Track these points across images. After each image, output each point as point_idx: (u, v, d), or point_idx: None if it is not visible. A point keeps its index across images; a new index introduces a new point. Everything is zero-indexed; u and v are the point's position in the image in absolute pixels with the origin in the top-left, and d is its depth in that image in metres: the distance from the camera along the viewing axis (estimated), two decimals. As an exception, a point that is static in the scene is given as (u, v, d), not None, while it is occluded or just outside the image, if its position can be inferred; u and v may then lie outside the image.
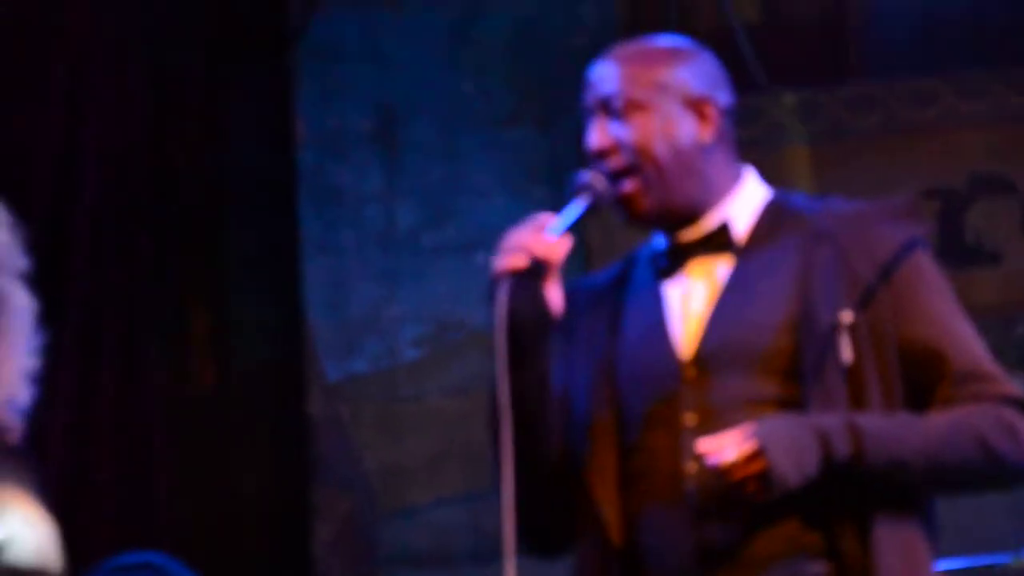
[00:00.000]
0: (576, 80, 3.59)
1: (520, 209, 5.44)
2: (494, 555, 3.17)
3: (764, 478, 3.05)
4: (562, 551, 3.34)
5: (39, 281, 3.93)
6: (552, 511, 3.31)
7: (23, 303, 3.97)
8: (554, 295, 3.14)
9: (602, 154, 3.16)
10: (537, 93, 6.42)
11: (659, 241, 3.25)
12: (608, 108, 3.19)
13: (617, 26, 6.38)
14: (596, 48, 4.48)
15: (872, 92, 6.26)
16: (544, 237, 3.09)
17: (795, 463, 3.07)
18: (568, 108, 5.48)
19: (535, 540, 3.32)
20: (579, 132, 3.29)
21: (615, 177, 3.16)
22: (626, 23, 6.35)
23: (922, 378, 3.19)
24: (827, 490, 3.11)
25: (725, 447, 3.05)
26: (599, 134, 3.16)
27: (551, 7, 6.38)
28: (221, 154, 6.35)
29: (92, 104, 5.69)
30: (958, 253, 5.96)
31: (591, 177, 3.15)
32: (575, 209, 3.11)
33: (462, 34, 6.49)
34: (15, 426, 3.80)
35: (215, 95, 6.36)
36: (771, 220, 3.28)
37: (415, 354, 6.36)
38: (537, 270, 3.10)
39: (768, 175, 3.32)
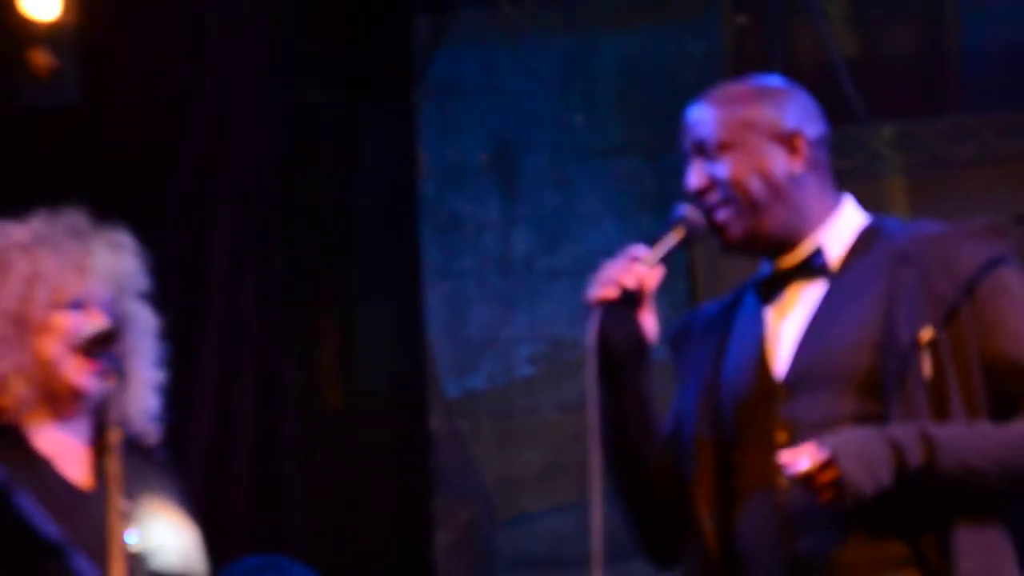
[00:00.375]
0: (682, 112, 3.75)
1: (628, 235, 5.36)
2: (605, 559, 3.27)
3: (837, 485, 3.13)
4: (678, 559, 3.47)
5: (181, 305, 4.13)
6: (665, 522, 3.42)
7: (147, 321, 3.97)
8: (648, 321, 3.30)
9: (700, 193, 3.32)
10: (645, 125, 6.54)
11: (764, 268, 3.39)
12: (703, 150, 3.34)
13: (722, 60, 6.58)
14: (702, 81, 4.60)
15: (967, 124, 6.30)
16: (637, 268, 3.24)
17: (867, 471, 3.15)
18: (674, 139, 5.89)
19: (652, 548, 3.46)
20: (684, 162, 3.44)
21: (712, 210, 3.32)
22: (731, 57, 6.53)
23: (1007, 391, 3.26)
24: (909, 500, 3.19)
25: (800, 458, 3.15)
26: (696, 175, 3.32)
27: (659, 43, 6.52)
28: (350, 186, 6.56)
29: (232, 137, 5.93)
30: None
31: (687, 210, 3.31)
32: (669, 240, 3.27)
33: (574, 69, 6.63)
34: (152, 431, 3.87)
35: (345, 131, 6.55)
36: (864, 245, 3.38)
37: (530, 371, 6.50)
38: (629, 299, 3.25)
39: (865, 204, 3.44)
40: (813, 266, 3.39)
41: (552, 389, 6.53)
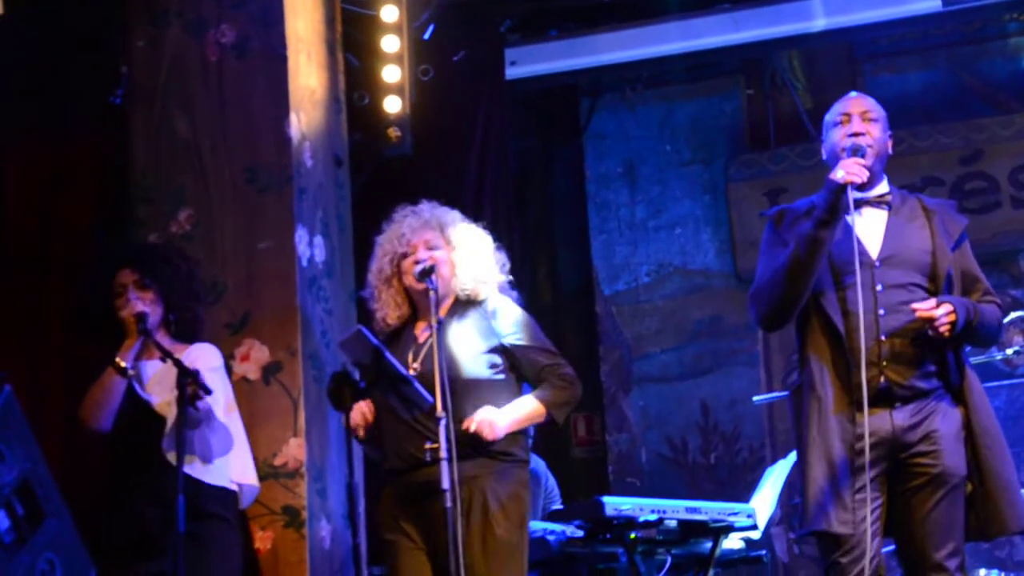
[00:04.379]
0: (722, 141, 6.95)
1: (695, 209, 8.47)
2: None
3: (953, 325, 4.32)
4: (775, 330, 4.61)
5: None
6: (796, 309, 4.48)
7: (470, 238, 4.87)
8: (851, 197, 4.35)
9: (858, 135, 4.49)
10: (702, 150, 9.04)
11: (848, 193, 4.36)
12: (865, 116, 4.52)
13: (741, 113, 8.94)
14: (732, 126, 7.62)
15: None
16: (863, 168, 4.39)
17: (964, 319, 4.36)
18: (719, 155, 8.32)
19: (781, 320, 4.50)
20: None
21: (862, 147, 4.43)
22: (746, 112, 8.93)
23: (967, 289, 4.54)
24: (951, 337, 4.35)
25: (939, 308, 4.32)
26: (860, 126, 4.50)
27: (708, 106, 9.02)
28: (550, 189, 9.15)
29: (490, 167, 7.79)
30: None
31: (858, 143, 4.44)
32: (859, 157, 4.40)
33: (664, 122, 9.21)
34: (477, 291, 4.79)
35: (545, 160, 8.98)
36: (902, 198, 4.60)
37: (646, 281, 8.80)
38: (853, 182, 4.36)
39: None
40: (882, 202, 4.55)
41: (657, 289, 9.00)
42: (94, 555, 4.42)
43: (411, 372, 4.62)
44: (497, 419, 4.70)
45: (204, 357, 5.12)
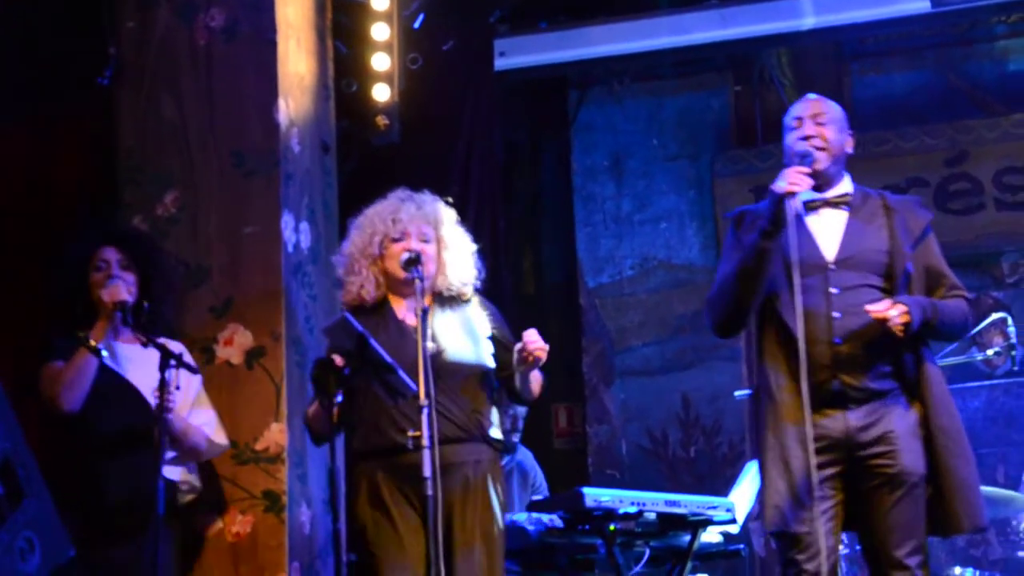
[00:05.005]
0: (710, 137, 6.95)
1: (680, 204, 8.47)
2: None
3: (907, 325, 4.29)
4: (730, 336, 4.53)
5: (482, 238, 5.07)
6: (748, 314, 4.46)
7: (458, 238, 4.89)
8: (791, 207, 4.32)
9: (809, 138, 4.49)
10: (689, 144, 9.09)
11: (804, 194, 4.37)
12: (817, 119, 4.51)
13: (729, 110, 8.93)
14: (719, 122, 7.58)
15: (866, 139, 7.34)
16: (803, 176, 4.33)
17: (921, 318, 4.32)
18: (706, 151, 8.25)
19: (733, 326, 4.48)
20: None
21: (816, 149, 4.41)
22: (733, 108, 8.95)
23: (932, 285, 4.51)
24: (905, 336, 4.31)
25: (891, 308, 4.27)
26: (811, 128, 4.50)
27: (696, 101, 9.05)
28: (537, 180, 9.17)
29: (476, 157, 7.97)
30: None
31: (807, 148, 4.45)
32: (807, 162, 4.37)
33: (652, 116, 9.28)
34: (466, 290, 4.79)
35: (533, 152, 9.12)
36: (863, 197, 4.56)
37: (630, 274, 8.84)
38: (791, 193, 4.32)
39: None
40: (841, 202, 4.52)
41: (641, 283, 9.06)
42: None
43: (430, 350, 4.58)
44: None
45: (176, 345, 5.12)
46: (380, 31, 7.08)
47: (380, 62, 7.08)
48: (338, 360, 4.43)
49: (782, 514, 4.32)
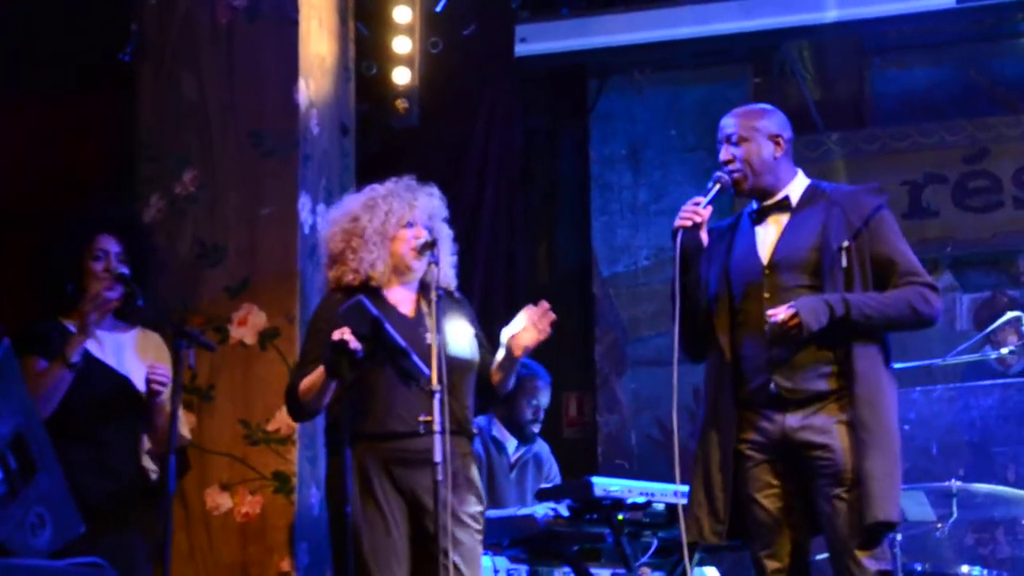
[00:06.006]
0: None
1: (698, 193, 7.27)
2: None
3: (799, 326, 4.27)
4: (704, 359, 4.53)
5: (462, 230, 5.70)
6: (701, 338, 4.49)
7: (447, 233, 4.68)
8: (703, 236, 4.41)
9: (727, 163, 4.47)
10: (707, 135, 7.56)
11: (753, 205, 4.45)
12: (730, 140, 4.48)
13: (748, 102, 8.10)
14: None
15: (877, 134, 8.48)
16: (698, 209, 4.39)
17: (814, 319, 4.26)
18: None
19: (692, 351, 4.56)
20: (718, 147, 4.58)
21: (732, 174, 4.40)
22: (753, 100, 8.51)
23: (883, 275, 4.38)
24: (835, 331, 4.27)
25: (779, 311, 4.25)
26: (725, 153, 4.49)
27: (715, 92, 8.86)
28: (555, 166, 9.06)
29: (496, 140, 8.01)
30: None
31: (719, 175, 4.46)
32: (712, 192, 4.41)
33: (671, 106, 9.10)
34: (453, 284, 4.70)
35: (554, 139, 8.99)
36: (810, 195, 4.48)
37: (646, 264, 8.72)
38: (695, 224, 4.39)
39: (820, 176, 4.68)
40: (783, 205, 4.48)
41: (656, 273, 8.91)
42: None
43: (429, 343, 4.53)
44: None
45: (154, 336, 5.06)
46: (402, 14, 7.10)
47: (401, 45, 7.08)
48: (353, 343, 4.39)
49: (699, 524, 4.42)
